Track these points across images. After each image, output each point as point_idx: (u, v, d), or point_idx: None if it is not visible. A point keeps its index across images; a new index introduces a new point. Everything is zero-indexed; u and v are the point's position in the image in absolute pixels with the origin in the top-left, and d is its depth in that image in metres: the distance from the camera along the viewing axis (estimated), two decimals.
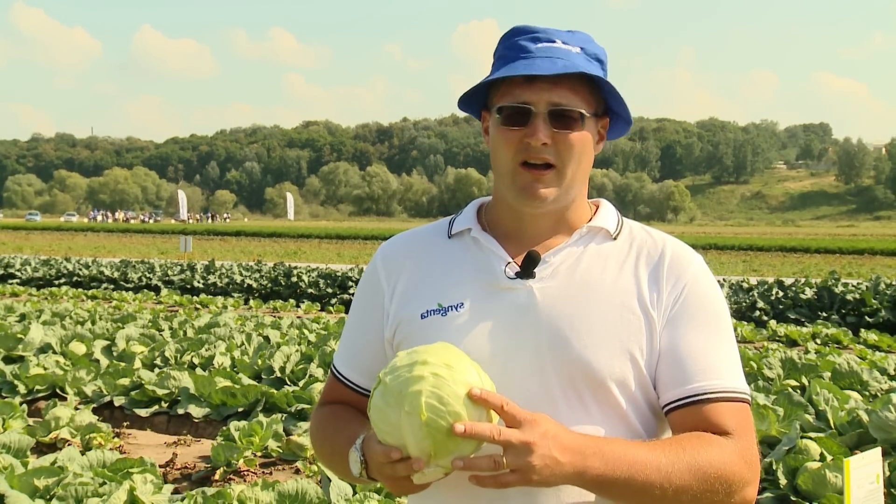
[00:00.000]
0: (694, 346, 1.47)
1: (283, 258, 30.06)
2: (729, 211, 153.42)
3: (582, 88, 1.50)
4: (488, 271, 1.54)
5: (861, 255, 39.19)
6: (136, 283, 19.90)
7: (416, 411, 1.30)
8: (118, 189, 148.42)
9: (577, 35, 1.54)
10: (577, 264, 1.53)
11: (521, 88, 1.49)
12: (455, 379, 1.32)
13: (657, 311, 1.48)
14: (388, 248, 1.67)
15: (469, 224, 1.61)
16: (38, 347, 8.75)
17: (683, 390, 1.45)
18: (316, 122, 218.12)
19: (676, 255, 1.53)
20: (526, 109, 1.48)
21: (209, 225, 79.48)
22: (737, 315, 14.40)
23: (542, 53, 1.48)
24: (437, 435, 1.30)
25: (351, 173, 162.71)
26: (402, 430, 1.32)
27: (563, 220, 1.57)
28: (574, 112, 1.48)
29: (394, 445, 1.33)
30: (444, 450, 1.31)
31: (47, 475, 4.44)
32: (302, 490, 4.23)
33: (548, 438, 1.30)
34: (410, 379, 1.33)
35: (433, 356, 1.36)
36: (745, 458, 1.42)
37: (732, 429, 1.43)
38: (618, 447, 1.36)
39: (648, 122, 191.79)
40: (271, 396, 6.76)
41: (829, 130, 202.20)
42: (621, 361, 1.45)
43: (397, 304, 1.59)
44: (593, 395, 1.46)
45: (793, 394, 5.94)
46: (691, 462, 1.37)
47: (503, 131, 1.51)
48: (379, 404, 1.35)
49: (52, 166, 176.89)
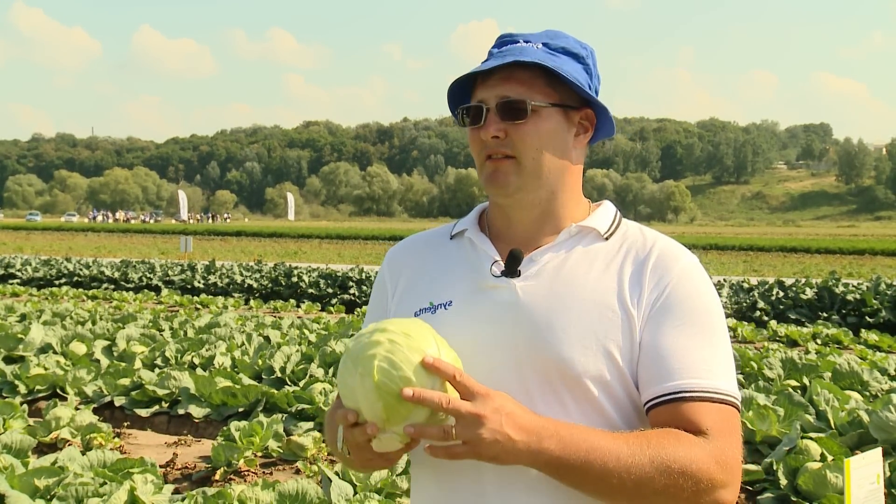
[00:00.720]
0: (675, 344, 1.45)
1: (284, 258, 30.07)
2: (729, 211, 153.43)
3: (537, 81, 1.51)
4: (478, 270, 1.56)
5: (861, 256, 39.18)
6: (137, 283, 19.90)
7: (369, 373, 1.33)
8: (119, 189, 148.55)
9: (546, 33, 1.56)
10: (563, 264, 1.53)
11: (478, 89, 1.54)
12: (410, 346, 1.35)
13: (637, 309, 1.47)
14: (394, 250, 1.73)
15: (468, 225, 1.64)
16: (39, 347, 8.76)
17: (661, 388, 1.43)
18: (316, 123, 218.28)
19: (663, 254, 1.52)
20: (478, 107, 1.52)
21: (209, 225, 79.51)
22: (737, 315, 14.40)
23: (500, 54, 1.52)
24: (388, 398, 1.32)
25: (351, 173, 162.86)
26: (357, 392, 1.35)
27: (550, 220, 1.57)
28: (520, 102, 1.49)
29: (352, 408, 1.37)
30: (397, 415, 1.33)
31: (48, 475, 4.44)
32: (302, 490, 4.23)
33: (500, 414, 1.31)
34: (368, 344, 1.37)
35: (394, 325, 1.40)
36: (717, 458, 1.38)
37: (707, 428, 1.40)
38: (577, 432, 1.36)
39: (649, 123, 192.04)
40: (272, 396, 6.76)
41: (829, 131, 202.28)
42: (597, 358, 1.44)
43: (396, 304, 1.63)
44: (570, 392, 1.45)
45: (793, 394, 5.94)
46: (653, 455, 1.35)
47: (470, 132, 1.55)
48: (340, 368, 1.40)
49: (53, 166, 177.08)
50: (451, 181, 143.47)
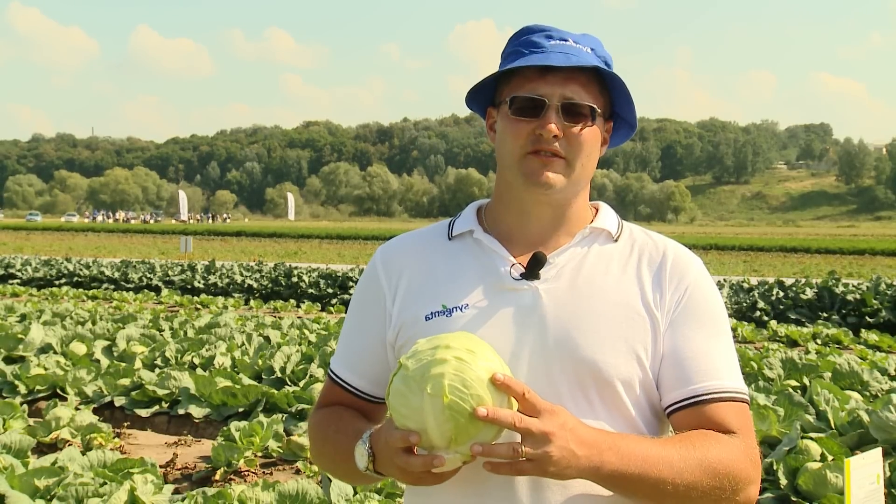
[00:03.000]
0: (696, 347, 1.48)
1: (284, 258, 30.06)
2: (729, 211, 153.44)
3: (593, 86, 1.52)
4: (493, 272, 1.54)
5: (861, 256, 39.17)
6: (137, 283, 19.90)
7: (440, 393, 1.29)
8: (119, 189, 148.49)
9: (588, 37, 1.56)
10: (580, 265, 1.54)
11: (534, 82, 1.50)
12: (478, 363, 1.32)
13: (661, 313, 1.50)
14: (387, 249, 1.66)
15: (470, 226, 1.61)
16: (39, 348, 8.75)
17: (686, 391, 1.46)
18: (316, 123, 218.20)
19: (678, 258, 1.55)
20: (540, 101, 1.49)
21: (209, 225, 79.51)
22: (737, 315, 14.39)
23: (555, 49, 1.51)
24: (459, 418, 1.29)
25: (351, 173, 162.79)
26: (425, 412, 1.30)
27: (564, 221, 1.57)
28: (585, 107, 1.50)
29: (414, 430, 1.32)
30: (465, 434, 1.30)
31: (48, 475, 4.44)
32: (302, 490, 4.23)
33: (566, 430, 1.31)
34: (433, 362, 1.32)
35: (455, 341, 1.35)
36: (749, 456, 1.44)
37: (736, 428, 1.45)
38: (632, 443, 1.37)
39: (649, 123, 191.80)
40: (272, 397, 6.76)
41: (829, 131, 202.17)
42: (628, 361, 1.46)
43: (399, 307, 1.58)
44: (599, 394, 1.46)
45: (793, 394, 5.94)
46: (702, 458, 1.38)
47: (514, 122, 1.51)
48: (400, 388, 1.34)
49: (53, 166, 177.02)
50: (451, 181, 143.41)
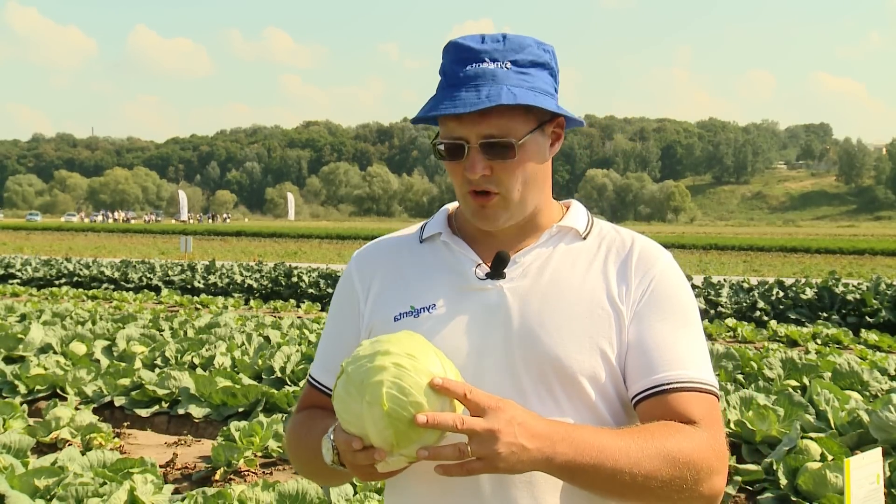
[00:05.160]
0: (660, 338, 1.49)
1: (284, 258, 30.07)
2: (729, 211, 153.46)
3: (517, 112, 1.47)
4: (459, 273, 1.56)
5: (861, 256, 39.17)
6: (137, 283, 19.90)
7: (378, 402, 1.29)
8: (119, 189, 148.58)
9: (509, 44, 1.49)
10: (546, 264, 1.55)
11: (453, 122, 1.48)
12: (417, 369, 1.31)
13: (625, 305, 1.50)
14: (361, 253, 1.70)
15: (439, 229, 1.63)
16: (39, 347, 8.76)
17: (650, 380, 1.46)
18: (316, 123, 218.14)
19: (645, 251, 1.56)
20: (459, 145, 1.48)
21: (209, 225, 79.55)
22: (737, 315, 14.41)
23: (468, 82, 1.46)
24: (398, 425, 1.29)
25: (351, 173, 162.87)
26: (364, 420, 1.31)
27: (530, 223, 1.58)
28: (506, 142, 1.47)
29: (356, 435, 1.33)
30: (407, 439, 1.31)
31: (48, 475, 4.45)
32: (302, 490, 4.23)
33: (513, 425, 1.30)
34: (372, 369, 1.32)
35: (395, 346, 1.35)
36: (713, 447, 1.43)
37: (699, 418, 1.44)
38: (586, 433, 1.37)
39: (649, 123, 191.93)
40: (272, 396, 6.76)
41: (829, 131, 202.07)
42: (591, 356, 1.47)
43: (371, 308, 1.60)
44: (564, 390, 1.47)
45: (793, 394, 5.94)
46: (660, 448, 1.38)
47: (447, 163, 1.54)
48: (341, 394, 1.35)
49: (53, 166, 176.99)
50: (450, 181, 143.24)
